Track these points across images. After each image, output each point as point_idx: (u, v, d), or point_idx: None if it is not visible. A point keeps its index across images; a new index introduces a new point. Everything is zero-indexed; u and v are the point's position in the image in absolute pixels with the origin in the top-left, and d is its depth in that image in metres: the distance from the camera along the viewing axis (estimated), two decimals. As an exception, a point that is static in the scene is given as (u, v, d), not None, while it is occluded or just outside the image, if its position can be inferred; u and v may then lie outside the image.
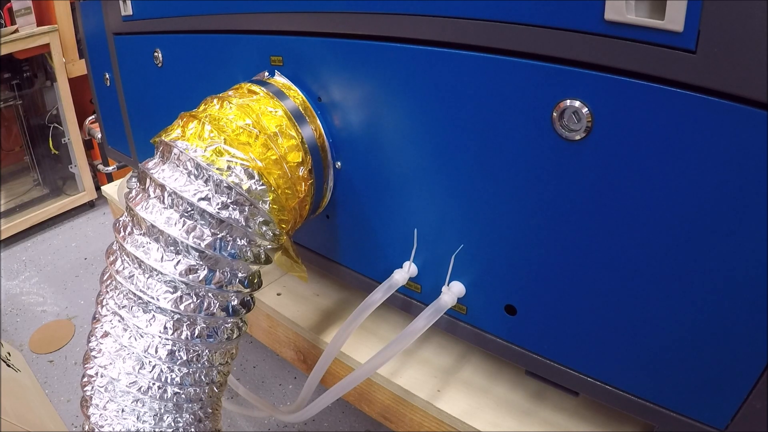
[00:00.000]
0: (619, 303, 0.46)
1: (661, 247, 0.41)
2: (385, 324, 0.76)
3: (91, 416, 0.56)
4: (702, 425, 0.46)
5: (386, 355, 0.55)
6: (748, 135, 0.35)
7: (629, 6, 0.36)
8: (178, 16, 0.75)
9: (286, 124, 0.57)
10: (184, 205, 0.50)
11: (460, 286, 0.57)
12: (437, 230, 0.56)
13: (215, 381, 0.58)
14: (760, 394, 0.41)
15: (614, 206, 0.42)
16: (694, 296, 0.41)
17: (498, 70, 0.45)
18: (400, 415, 0.67)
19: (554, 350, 0.53)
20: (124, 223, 0.54)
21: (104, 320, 0.54)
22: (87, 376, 0.56)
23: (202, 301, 0.52)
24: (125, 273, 0.52)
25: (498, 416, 0.61)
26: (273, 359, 1.27)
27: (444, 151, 0.52)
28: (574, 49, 0.40)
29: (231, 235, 0.52)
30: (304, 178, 0.58)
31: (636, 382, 0.48)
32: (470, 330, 0.59)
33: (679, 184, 0.39)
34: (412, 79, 0.51)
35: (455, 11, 0.45)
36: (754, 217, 0.36)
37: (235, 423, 1.12)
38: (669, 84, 0.36)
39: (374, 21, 0.52)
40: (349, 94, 0.58)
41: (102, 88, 1.06)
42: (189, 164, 0.51)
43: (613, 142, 0.40)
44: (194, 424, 0.58)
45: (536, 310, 0.52)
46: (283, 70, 0.63)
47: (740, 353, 0.41)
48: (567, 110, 0.41)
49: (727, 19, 0.33)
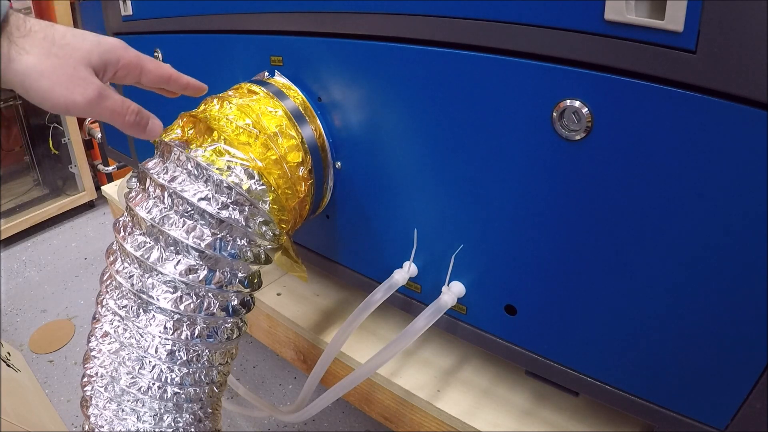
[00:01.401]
0: (619, 303, 0.46)
1: (660, 247, 0.41)
2: (385, 324, 0.76)
3: (91, 416, 0.56)
4: (702, 425, 0.46)
5: (386, 355, 0.55)
6: (748, 135, 0.35)
7: (629, 6, 0.36)
8: (178, 16, 0.75)
9: (286, 124, 0.57)
10: (184, 205, 0.50)
11: (460, 286, 0.57)
12: (437, 230, 0.56)
13: (215, 381, 0.58)
14: (760, 394, 0.41)
15: (614, 206, 0.42)
16: (694, 296, 0.41)
17: (498, 70, 0.45)
18: (400, 415, 0.67)
19: (554, 350, 0.53)
20: (124, 223, 0.54)
21: (104, 320, 0.54)
22: (87, 376, 0.56)
23: (202, 301, 0.52)
24: (125, 273, 0.52)
25: (498, 416, 0.61)
26: (273, 359, 1.27)
27: (444, 151, 0.52)
28: (574, 49, 0.40)
29: (231, 235, 0.52)
30: (304, 178, 0.58)
31: (636, 382, 0.48)
32: (470, 330, 0.59)
33: (678, 184, 0.39)
34: (412, 79, 0.51)
35: (455, 11, 0.45)
36: (754, 217, 0.36)
37: (235, 423, 1.12)
38: (669, 84, 0.36)
39: (374, 21, 0.52)
40: (349, 94, 0.58)
41: (102, 88, 1.06)
42: (189, 164, 0.51)
43: (613, 142, 0.40)
44: (194, 424, 0.58)
45: (536, 310, 0.52)
46: (283, 70, 0.63)
47: (740, 353, 0.41)
48: (567, 110, 0.41)
49: (727, 19, 0.33)
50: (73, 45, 0.39)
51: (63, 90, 0.38)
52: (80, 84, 0.39)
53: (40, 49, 0.38)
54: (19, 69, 0.37)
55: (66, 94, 0.38)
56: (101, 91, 0.40)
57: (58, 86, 0.38)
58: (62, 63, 0.38)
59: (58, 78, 0.38)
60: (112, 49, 0.42)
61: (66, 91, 0.38)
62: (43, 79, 0.38)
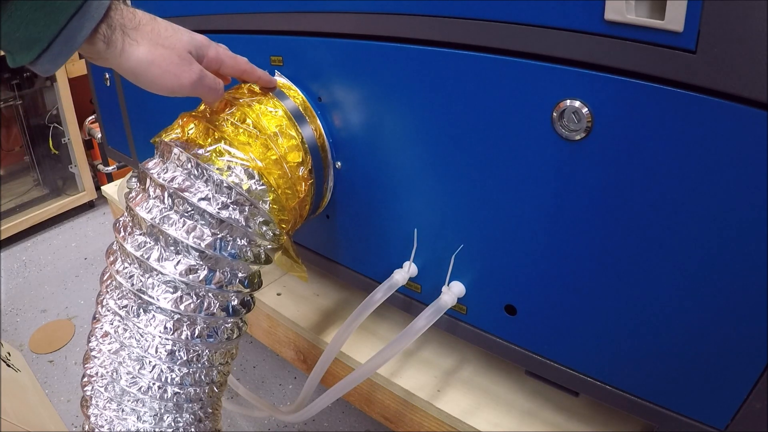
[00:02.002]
0: (619, 303, 0.46)
1: (660, 247, 0.41)
2: (385, 324, 0.76)
3: (91, 416, 0.56)
4: (702, 425, 0.46)
5: (386, 355, 0.55)
6: (748, 135, 0.35)
7: (629, 6, 0.36)
8: (178, 16, 0.75)
9: (286, 124, 0.57)
10: (184, 205, 0.50)
11: (460, 286, 0.57)
12: (437, 230, 0.56)
13: (215, 381, 0.58)
14: (760, 394, 0.41)
15: (614, 206, 0.42)
16: (694, 296, 0.41)
17: (498, 70, 0.45)
18: (400, 415, 0.67)
19: (554, 350, 0.53)
20: (124, 223, 0.54)
21: (104, 320, 0.54)
22: (87, 376, 0.56)
23: (202, 301, 0.52)
24: (125, 273, 0.52)
25: (498, 416, 0.61)
26: (273, 359, 1.27)
27: (444, 151, 0.52)
28: (574, 49, 0.40)
29: (231, 235, 0.52)
30: (304, 178, 0.58)
31: (636, 382, 0.48)
32: (470, 330, 0.59)
33: (679, 184, 0.39)
34: (412, 79, 0.51)
35: (455, 11, 0.45)
36: (754, 217, 0.36)
37: (235, 423, 1.12)
38: (669, 84, 0.36)
39: (374, 21, 0.52)
40: (349, 94, 0.58)
41: (102, 88, 1.06)
42: (189, 164, 0.51)
43: (613, 142, 0.40)
44: (194, 424, 0.58)
45: (536, 310, 0.52)
46: (283, 70, 0.63)
47: (740, 353, 0.41)
48: (567, 110, 0.41)
49: (727, 19, 0.33)
50: (176, 37, 0.45)
51: (171, 76, 0.45)
52: (186, 69, 0.46)
53: (149, 40, 0.43)
54: (132, 58, 0.43)
55: (174, 80, 0.45)
56: (200, 74, 0.47)
57: (168, 72, 0.44)
58: (169, 53, 0.44)
59: (167, 66, 0.44)
60: (201, 45, 0.48)
61: (174, 77, 0.45)
62: (153, 67, 0.44)
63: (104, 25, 0.41)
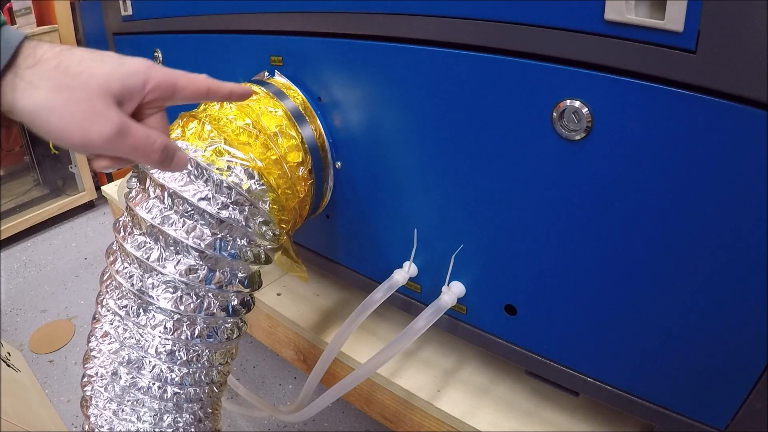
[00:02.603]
0: (619, 303, 0.46)
1: (660, 247, 0.41)
2: (385, 324, 0.76)
3: (91, 416, 0.56)
4: (702, 425, 0.46)
5: (386, 355, 0.55)
6: (748, 135, 0.34)
7: (629, 6, 0.36)
8: (178, 16, 0.75)
9: (286, 124, 0.57)
10: (184, 205, 0.50)
11: (460, 286, 0.57)
12: (437, 230, 0.56)
13: (215, 381, 0.58)
14: (760, 394, 0.41)
15: (614, 206, 0.42)
16: (694, 296, 0.41)
17: (498, 70, 0.45)
18: (400, 416, 0.67)
19: (554, 350, 0.53)
20: (124, 223, 0.54)
21: (104, 320, 0.54)
22: (87, 376, 0.56)
23: (202, 301, 0.52)
24: (125, 273, 0.52)
25: (498, 416, 0.61)
26: (273, 359, 1.27)
27: (444, 151, 0.52)
28: (574, 49, 0.40)
29: (231, 235, 0.52)
30: (304, 178, 0.58)
31: (636, 382, 0.48)
32: (470, 330, 0.59)
33: (679, 184, 0.39)
34: (412, 79, 0.51)
35: (455, 11, 0.45)
36: (754, 217, 0.36)
37: (235, 423, 1.12)
38: (669, 84, 0.36)
39: (374, 21, 0.52)
40: (349, 94, 0.58)
41: (102, 88, 1.06)
42: (189, 164, 0.51)
43: (613, 142, 0.40)
44: (194, 424, 0.58)
45: (536, 310, 0.52)
46: (283, 70, 0.63)
47: (740, 353, 0.41)
48: (567, 110, 0.41)
49: (727, 19, 0.33)
50: (90, 72, 0.34)
51: (76, 128, 0.33)
52: (96, 120, 0.33)
53: (50, 81, 0.33)
54: (26, 106, 0.32)
55: (80, 133, 0.33)
56: (120, 127, 0.34)
57: (71, 124, 0.33)
58: (75, 96, 0.33)
59: (70, 114, 0.33)
60: (135, 72, 0.36)
61: (79, 129, 0.33)
62: (53, 116, 0.32)
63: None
